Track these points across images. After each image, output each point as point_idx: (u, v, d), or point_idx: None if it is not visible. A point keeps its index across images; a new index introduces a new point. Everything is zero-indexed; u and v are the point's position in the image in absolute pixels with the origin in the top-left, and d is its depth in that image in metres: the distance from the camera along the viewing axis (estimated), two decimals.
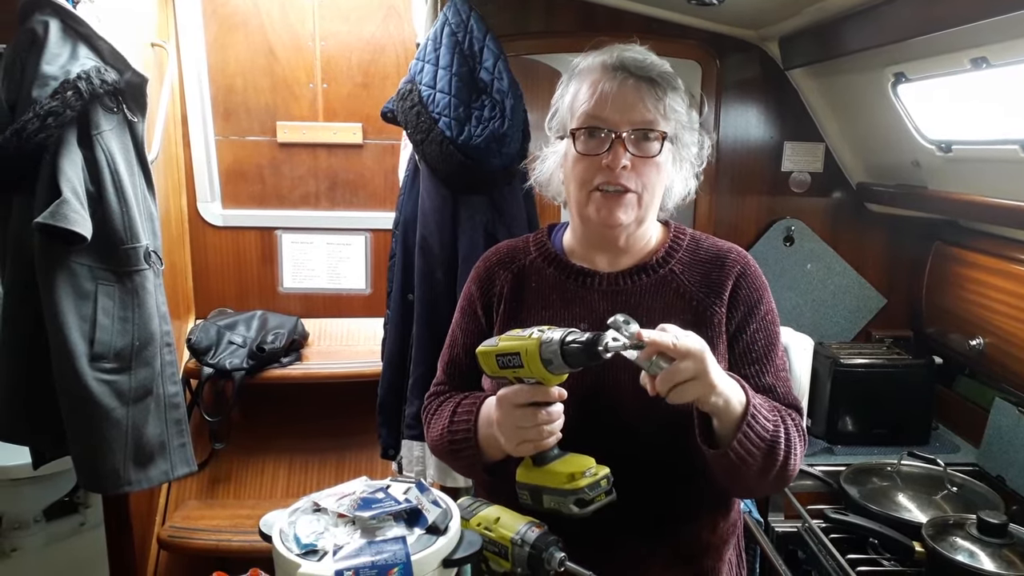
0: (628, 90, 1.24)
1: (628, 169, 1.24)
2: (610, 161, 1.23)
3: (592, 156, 1.25)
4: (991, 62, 1.64)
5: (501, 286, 1.39)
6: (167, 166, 2.63)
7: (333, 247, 2.96)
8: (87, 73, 1.86)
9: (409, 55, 2.72)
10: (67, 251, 1.86)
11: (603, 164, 1.24)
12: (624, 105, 1.24)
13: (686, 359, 1.05)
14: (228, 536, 2.48)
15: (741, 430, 1.12)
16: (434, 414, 1.41)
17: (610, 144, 1.24)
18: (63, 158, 1.84)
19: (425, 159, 2.10)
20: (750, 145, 2.59)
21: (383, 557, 0.93)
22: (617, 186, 1.25)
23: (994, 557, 1.59)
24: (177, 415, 2.10)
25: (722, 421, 1.14)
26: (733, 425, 1.13)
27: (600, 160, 1.25)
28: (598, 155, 1.25)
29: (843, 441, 2.30)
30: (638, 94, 1.24)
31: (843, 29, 1.96)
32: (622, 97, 1.24)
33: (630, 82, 1.24)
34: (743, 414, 1.13)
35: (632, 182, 1.25)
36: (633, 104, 1.24)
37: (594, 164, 1.25)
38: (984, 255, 2.23)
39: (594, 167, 1.25)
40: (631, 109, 1.24)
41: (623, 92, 1.24)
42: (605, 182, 1.25)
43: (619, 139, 1.23)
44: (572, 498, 1.09)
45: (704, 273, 1.33)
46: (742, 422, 1.12)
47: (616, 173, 1.24)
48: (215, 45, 2.79)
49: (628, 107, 1.24)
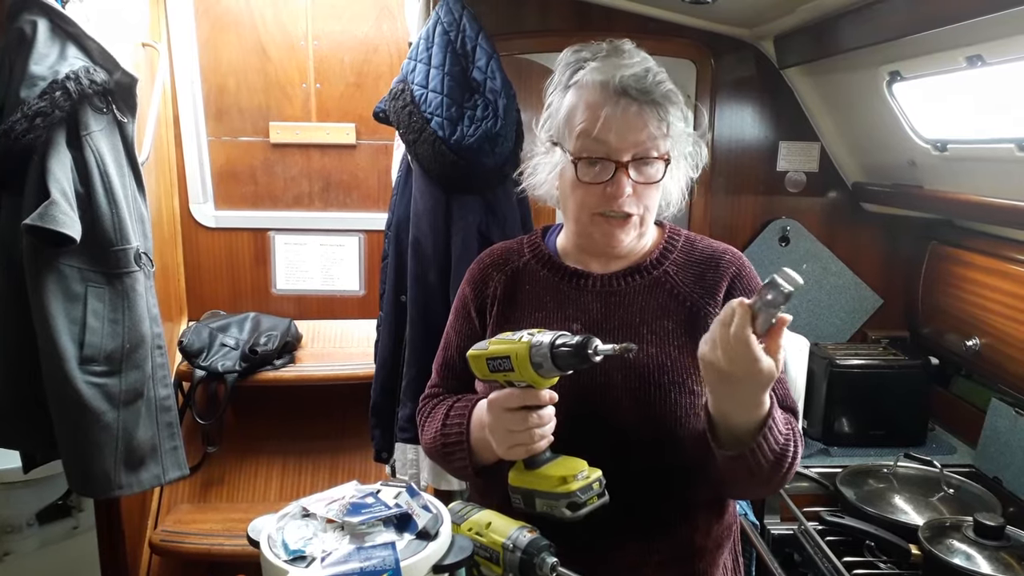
0: (631, 116, 1.20)
1: (630, 195, 1.22)
2: (614, 191, 1.21)
3: (593, 184, 1.23)
4: (986, 60, 1.63)
5: (495, 288, 1.38)
6: (159, 167, 2.61)
7: (326, 248, 2.94)
8: (76, 73, 1.85)
9: (402, 55, 2.70)
10: (56, 253, 1.84)
11: (606, 192, 1.22)
12: (627, 131, 1.20)
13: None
14: (221, 540, 2.46)
15: (761, 434, 1.10)
16: (428, 417, 1.40)
17: (612, 173, 1.21)
18: (52, 159, 1.83)
19: (418, 159, 2.09)
20: (745, 145, 2.58)
21: (372, 563, 0.92)
22: (619, 213, 1.23)
23: (991, 560, 1.58)
24: (169, 418, 2.09)
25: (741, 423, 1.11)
26: (752, 428, 1.10)
27: (602, 188, 1.22)
28: (600, 184, 1.22)
29: (839, 443, 2.29)
30: (641, 119, 1.20)
31: (838, 27, 1.95)
32: (625, 123, 1.20)
33: (632, 108, 1.20)
34: (764, 419, 1.10)
35: (634, 207, 1.24)
36: (636, 129, 1.21)
37: (595, 191, 1.23)
38: (980, 255, 2.23)
39: (595, 193, 1.23)
40: (634, 134, 1.21)
41: (626, 118, 1.20)
42: (607, 209, 1.23)
43: (622, 167, 1.21)
44: (564, 501, 1.08)
45: (699, 274, 1.32)
46: (762, 427, 1.10)
47: (619, 202, 1.22)
48: (207, 45, 2.78)
49: (631, 132, 1.20)
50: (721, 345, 1.02)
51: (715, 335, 1.03)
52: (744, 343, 0.99)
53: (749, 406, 1.08)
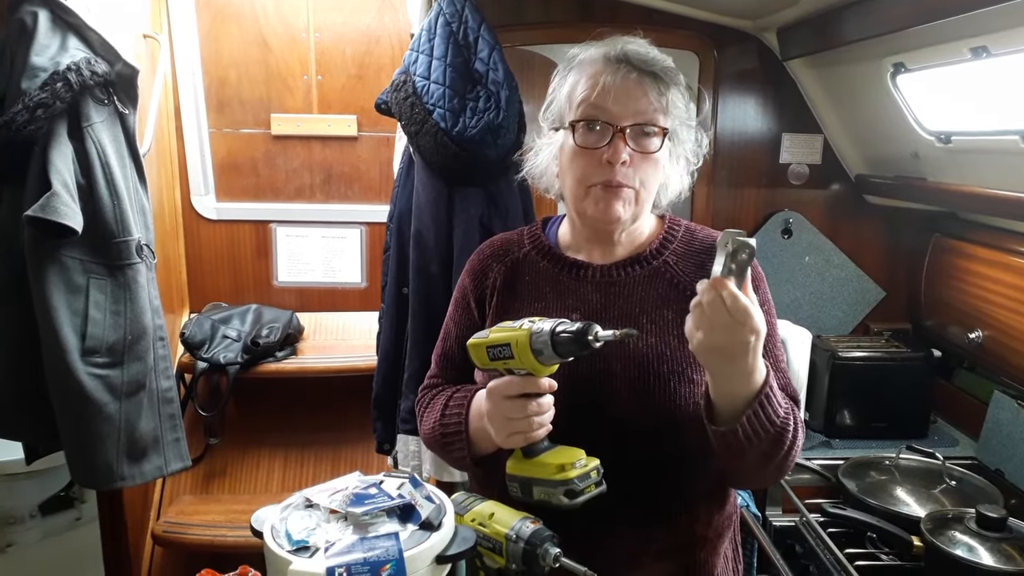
0: (630, 83, 1.22)
1: (627, 165, 1.22)
2: (610, 155, 1.21)
3: (591, 150, 1.23)
4: (991, 51, 1.62)
5: (494, 279, 1.38)
6: (160, 159, 2.61)
7: (328, 240, 2.94)
8: (77, 64, 1.84)
9: (404, 47, 2.69)
10: (58, 245, 1.84)
11: (603, 159, 1.22)
12: (626, 98, 1.22)
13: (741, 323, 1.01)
14: (223, 531, 2.46)
15: (752, 409, 1.09)
16: (427, 407, 1.40)
17: (610, 138, 1.22)
18: (53, 150, 1.82)
19: (420, 151, 2.09)
20: (748, 137, 2.58)
21: (375, 553, 0.92)
22: (616, 182, 1.23)
23: (993, 551, 1.58)
24: (171, 410, 2.09)
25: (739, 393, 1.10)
26: (750, 397, 1.10)
27: (599, 155, 1.22)
28: (597, 149, 1.23)
29: (841, 435, 2.30)
30: (641, 88, 1.22)
31: (841, 19, 1.94)
32: (624, 90, 1.22)
33: (633, 75, 1.22)
34: (758, 391, 1.09)
35: (630, 178, 1.24)
36: (635, 97, 1.22)
37: (593, 160, 1.23)
38: (983, 247, 2.22)
39: (593, 163, 1.23)
40: (633, 102, 1.22)
41: (625, 85, 1.22)
42: (605, 181, 1.23)
43: (620, 132, 1.21)
44: (562, 489, 1.08)
45: (699, 264, 1.31)
46: (759, 393, 1.09)
47: (615, 169, 1.22)
48: (208, 37, 2.77)
49: (630, 100, 1.22)
50: (695, 319, 1.03)
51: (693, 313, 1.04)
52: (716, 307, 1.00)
53: (744, 373, 1.07)
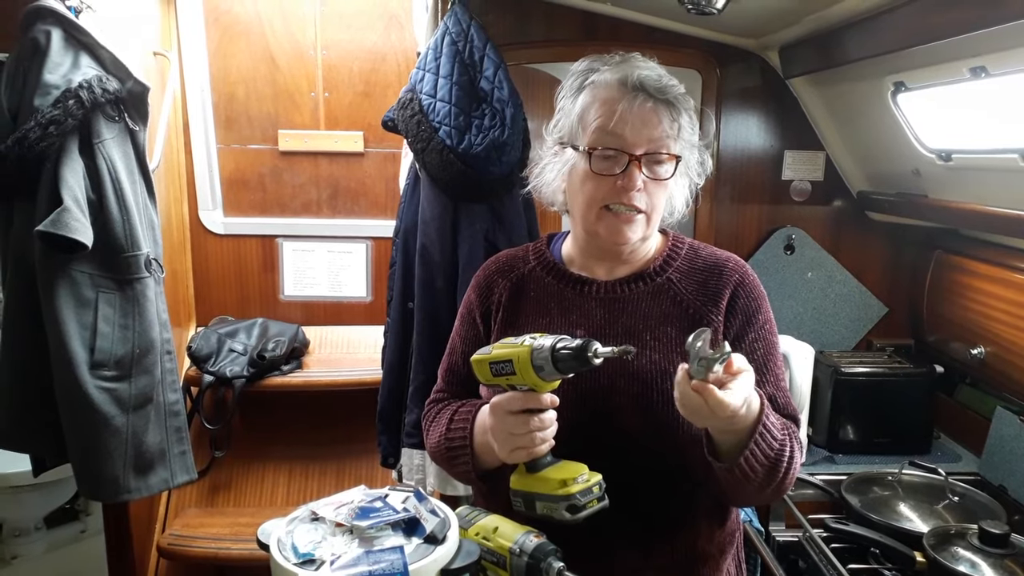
0: (646, 112, 1.24)
1: (640, 191, 1.25)
2: (625, 183, 1.24)
3: (605, 176, 1.25)
4: (990, 71, 1.64)
5: (499, 294, 1.40)
6: (169, 174, 2.64)
7: (334, 255, 2.96)
8: (89, 82, 1.87)
9: (410, 64, 2.72)
10: (68, 259, 1.86)
11: (617, 185, 1.24)
12: (641, 126, 1.24)
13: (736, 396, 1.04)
14: (228, 544, 2.47)
15: (748, 448, 1.11)
16: (432, 421, 1.41)
17: (626, 165, 1.24)
18: (64, 166, 1.85)
19: (425, 168, 2.11)
20: (750, 154, 2.59)
21: (380, 566, 0.93)
22: (630, 207, 1.25)
23: (996, 567, 1.58)
24: (177, 423, 2.11)
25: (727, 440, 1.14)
26: (743, 437, 1.12)
27: (613, 180, 1.24)
28: (612, 175, 1.25)
29: (844, 450, 2.30)
30: (656, 116, 1.24)
31: (843, 38, 1.96)
32: (640, 118, 1.23)
33: (648, 104, 1.24)
34: (753, 428, 1.12)
35: (643, 203, 1.26)
36: (651, 125, 1.24)
37: (606, 183, 1.25)
38: (985, 264, 2.23)
39: (605, 186, 1.25)
40: (648, 130, 1.24)
41: (641, 113, 1.23)
42: (617, 202, 1.25)
43: (635, 160, 1.24)
44: (564, 504, 1.09)
45: (702, 281, 1.33)
46: (750, 437, 1.11)
47: (630, 195, 1.24)
48: (217, 54, 2.80)
49: (644, 128, 1.24)
50: (679, 402, 1.07)
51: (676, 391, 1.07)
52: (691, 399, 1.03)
53: (734, 428, 1.11)
